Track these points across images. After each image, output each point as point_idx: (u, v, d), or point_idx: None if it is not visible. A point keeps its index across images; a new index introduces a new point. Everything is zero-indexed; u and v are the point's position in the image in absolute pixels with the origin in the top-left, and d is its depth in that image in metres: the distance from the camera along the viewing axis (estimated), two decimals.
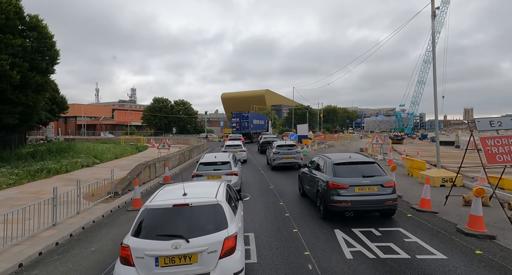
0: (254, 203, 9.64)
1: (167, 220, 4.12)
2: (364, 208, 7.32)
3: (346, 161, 8.07)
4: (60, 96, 41.53)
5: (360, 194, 7.32)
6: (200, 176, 10.57)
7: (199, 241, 3.89)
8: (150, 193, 12.46)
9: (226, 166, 10.91)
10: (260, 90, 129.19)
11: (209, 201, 4.37)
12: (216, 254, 3.92)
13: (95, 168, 17.68)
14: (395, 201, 7.37)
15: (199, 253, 3.85)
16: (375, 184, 7.40)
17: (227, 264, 3.93)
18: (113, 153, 22.42)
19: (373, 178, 7.49)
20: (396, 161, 17.98)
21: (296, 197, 10.56)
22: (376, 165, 8.00)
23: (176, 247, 3.81)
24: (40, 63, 17.15)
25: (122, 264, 3.89)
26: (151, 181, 14.08)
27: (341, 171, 7.77)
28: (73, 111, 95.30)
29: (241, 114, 43.29)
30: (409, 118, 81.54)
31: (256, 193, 11.28)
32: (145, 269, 3.78)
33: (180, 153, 20.51)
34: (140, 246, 3.85)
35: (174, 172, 17.32)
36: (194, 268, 3.84)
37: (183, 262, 3.83)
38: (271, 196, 10.73)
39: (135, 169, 13.37)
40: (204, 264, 3.87)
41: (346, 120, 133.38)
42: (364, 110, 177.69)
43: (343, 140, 52.78)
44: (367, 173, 7.62)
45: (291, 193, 11.07)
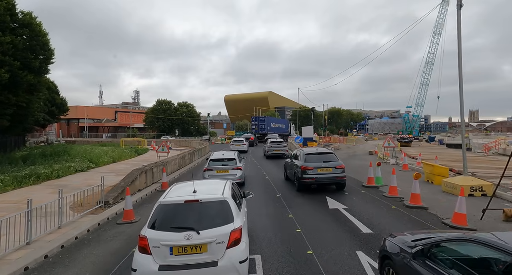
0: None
1: (180, 214, 4.57)
2: (323, 182, 11.37)
3: (313, 152, 12.25)
4: (60, 97, 40.79)
5: (320, 173, 11.22)
6: (210, 170, 12.63)
7: (209, 233, 4.31)
8: (146, 201, 11.46)
9: (232, 162, 12.91)
10: (263, 92, 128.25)
11: (216, 197, 4.84)
12: (224, 245, 4.34)
13: (90, 173, 16.65)
14: (344, 177, 11.39)
15: (209, 244, 4.28)
16: (330, 167, 11.29)
17: (233, 254, 4.36)
18: (110, 156, 21.41)
19: (330, 163, 11.40)
20: (411, 166, 16.78)
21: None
22: (333, 155, 12.07)
23: (188, 238, 4.24)
24: (33, 62, 16.21)
25: (140, 253, 4.31)
26: (147, 188, 13.00)
27: (309, 159, 11.65)
28: (76, 113, 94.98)
29: (259, 118, 52.90)
30: (414, 120, 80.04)
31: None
32: (161, 257, 4.22)
33: (180, 157, 19.45)
34: (156, 237, 4.28)
35: (174, 177, 16.25)
36: (204, 257, 4.28)
37: (194, 252, 4.27)
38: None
39: (130, 175, 12.31)
40: (213, 253, 4.29)
41: (350, 122, 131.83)
42: (368, 112, 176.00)
43: (348, 143, 51.56)
44: (326, 159, 11.57)
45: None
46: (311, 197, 10.90)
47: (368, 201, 10.11)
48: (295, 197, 11.04)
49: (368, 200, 10.30)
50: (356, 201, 10.21)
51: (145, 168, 13.37)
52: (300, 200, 10.50)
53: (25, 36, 16.26)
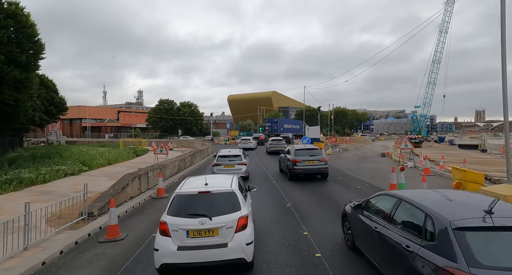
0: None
1: (194, 203, 5.28)
2: (310, 172, 14.11)
3: (302, 148, 15.07)
4: (59, 96, 39.64)
5: (308, 165, 13.90)
6: (219, 165, 14.01)
7: (219, 219, 5.05)
8: (138, 211, 10.00)
9: (237, 158, 14.38)
10: (267, 92, 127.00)
11: (226, 189, 5.55)
12: (232, 229, 5.06)
13: (81, 176, 15.31)
14: (327, 169, 14.18)
15: (220, 228, 5.01)
16: (316, 160, 14.03)
17: (241, 237, 5.09)
18: (106, 158, 20.07)
19: (315, 156, 14.18)
20: (433, 169, 15.24)
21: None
22: (318, 150, 15.09)
23: (202, 223, 4.97)
24: (19, 56, 14.91)
25: (161, 235, 5.04)
26: (141, 195, 11.62)
27: (299, 153, 14.34)
28: (78, 113, 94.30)
29: (272, 120, 58.52)
30: (421, 120, 78.10)
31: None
32: (179, 239, 4.94)
33: (180, 159, 18.06)
34: (174, 222, 5.00)
35: (172, 182, 14.86)
36: (215, 239, 4.98)
37: (207, 235, 4.98)
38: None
39: (121, 180, 10.93)
40: (223, 237, 5.01)
41: (355, 122, 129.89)
42: (373, 112, 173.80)
43: (356, 143, 50.01)
44: (312, 154, 14.32)
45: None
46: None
47: None
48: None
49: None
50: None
51: (139, 172, 11.98)
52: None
53: (11, 28, 14.96)
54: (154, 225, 8.21)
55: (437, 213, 3.78)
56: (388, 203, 4.96)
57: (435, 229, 3.65)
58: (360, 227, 5.61)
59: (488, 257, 3.18)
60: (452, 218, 3.56)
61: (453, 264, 3.21)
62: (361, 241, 5.61)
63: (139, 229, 7.99)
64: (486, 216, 3.53)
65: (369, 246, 5.22)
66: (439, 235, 3.55)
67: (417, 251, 3.73)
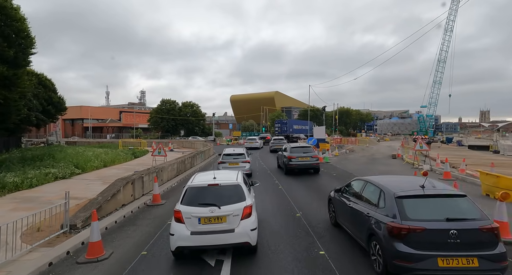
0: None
1: (204, 194, 5.95)
2: (303, 167, 16.03)
3: (297, 146, 17.37)
4: (58, 96, 38.66)
5: (301, 161, 15.94)
6: (224, 162, 14.97)
7: (227, 208, 5.69)
8: (129, 222, 8.69)
9: (241, 157, 15.44)
10: (269, 92, 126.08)
11: (232, 182, 6.28)
12: (239, 217, 5.70)
13: (73, 180, 14.27)
14: (318, 164, 16.54)
15: (227, 216, 5.64)
16: (308, 156, 16.15)
17: (246, 224, 5.72)
18: (102, 160, 19.04)
19: (308, 154, 16.30)
20: (453, 173, 14.03)
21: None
22: (311, 148, 17.47)
23: (212, 212, 5.61)
24: (6, 51, 13.90)
25: (176, 222, 5.69)
26: (135, 202, 10.54)
27: (294, 150, 16.44)
28: (80, 113, 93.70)
29: (281, 121, 60.92)
30: (427, 120, 76.61)
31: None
32: (192, 225, 5.57)
33: (179, 161, 16.98)
34: (187, 210, 5.66)
35: (170, 186, 13.78)
36: (224, 226, 5.60)
37: (217, 222, 5.61)
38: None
39: (112, 186, 9.85)
40: (231, 223, 5.63)
41: (358, 122, 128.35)
42: (376, 112, 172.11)
43: (361, 144, 48.79)
44: (305, 151, 16.48)
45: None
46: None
47: None
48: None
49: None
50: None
51: (133, 177, 10.91)
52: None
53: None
54: (145, 240, 7.13)
55: (387, 188, 5.42)
56: (359, 185, 6.61)
57: (385, 199, 5.28)
58: (340, 206, 7.20)
59: (415, 213, 4.77)
60: (396, 191, 5.18)
61: (394, 220, 4.83)
62: (340, 217, 7.20)
63: (127, 245, 6.91)
64: (419, 189, 5.14)
65: (345, 219, 6.88)
66: (387, 202, 5.18)
67: (373, 215, 5.35)
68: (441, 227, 4.61)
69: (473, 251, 4.50)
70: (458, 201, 5.12)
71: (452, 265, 4.44)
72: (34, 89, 30.82)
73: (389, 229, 4.81)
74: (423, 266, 4.49)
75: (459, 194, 5.22)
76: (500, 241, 4.69)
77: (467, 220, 4.74)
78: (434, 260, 4.47)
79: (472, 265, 4.43)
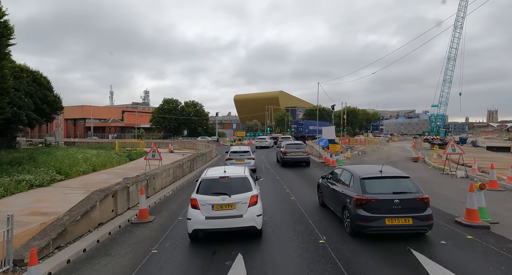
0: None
1: (216, 185, 6.90)
2: (296, 160, 19.40)
3: (291, 143, 21.05)
4: (54, 94, 36.88)
5: (295, 155, 19.33)
6: (231, 159, 16.61)
7: (237, 197, 6.61)
8: (103, 251, 6.39)
9: (247, 154, 17.18)
10: (273, 92, 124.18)
11: (240, 175, 7.18)
12: (246, 204, 6.60)
13: (51, 188, 12.32)
14: (308, 158, 19.96)
15: (237, 203, 6.55)
16: (300, 151, 19.57)
17: (253, 210, 6.63)
18: (91, 163, 17.10)
19: (300, 149, 19.74)
20: (503, 183, 11.74)
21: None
22: (303, 144, 21.14)
23: (223, 200, 6.53)
24: None
25: (192, 209, 6.61)
26: (117, 219, 8.55)
27: (288, 147, 19.94)
28: (82, 113, 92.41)
29: (297, 122, 62.97)
30: (438, 120, 73.90)
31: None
32: (206, 211, 6.49)
33: (176, 166, 14.97)
34: (202, 198, 6.60)
35: (164, 196, 11.76)
36: (234, 212, 6.52)
37: (227, 208, 6.53)
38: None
39: (84, 202, 7.85)
40: (240, 210, 6.54)
41: (365, 122, 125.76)
42: (381, 112, 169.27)
43: (371, 144, 46.60)
44: (298, 147, 19.93)
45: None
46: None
47: (496, 266, 5.41)
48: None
49: (493, 262, 5.59)
50: (468, 263, 5.55)
51: (114, 188, 8.89)
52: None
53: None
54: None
55: (356, 173, 7.41)
56: (338, 172, 8.66)
57: (354, 180, 7.26)
58: (325, 189, 9.16)
59: (372, 189, 6.75)
60: (361, 174, 7.18)
61: (358, 194, 6.80)
62: (325, 198, 9.18)
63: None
64: (377, 173, 7.12)
65: (328, 198, 8.91)
66: (355, 183, 7.16)
67: (346, 193, 7.35)
68: (389, 198, 6.51)
69: (409, 213, 6.36)
70: (403, 181, 7.04)
71: (395, 223, 6.32)
72: (26, 86, 29.06)
73: (355, 201, 6.70)
74: (375, 224, 6.38)
75: (404, 176, 7.15)
76: (429, 206, 6.55)
77: (406, 193, 6.66)
78: (383, 220, 6.34)
79: (408, 223, 6.32)
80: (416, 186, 6.80)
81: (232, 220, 6.42)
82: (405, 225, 6.29)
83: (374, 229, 6.38)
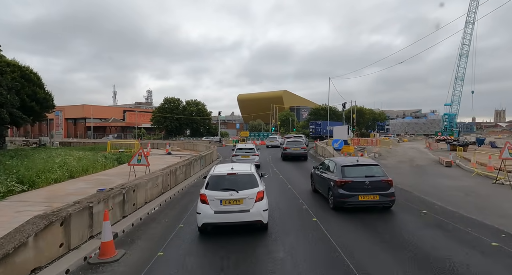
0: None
1: (224, 181, 7.33)
2: (294, 155, 23.23)
3: (291, 140, 26.06)
4: (44, 91, 34.39)
5: (294, 151, 23.31)
6: (237, 155, 18.33)
7: (244, 192, 7.02)
8: None
9: (252, 151, 19.13)
10: (277, 91, 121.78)
11: (247, 172, 7.62)
12: (253, 200, 7.00)
13: (4, 204, 9.67)
14: (306, 153, 24.02)
15: (244, 198, 6.95)
16: (298, 147, 23.63)
17: (259, 205, 7.04)
18: (68, 169, 14.48)
19: (298, 146, 23.80)
20: None
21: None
22: (301, 141, 26.35)
23: (231, 195, 6.94)
24: None
25: (202, 203, 7.01)
26: (68, 257, 5.89)
27: (288, 143, 24.41)
28: (82, 113, 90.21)
29: (316, 122, 65.67)
30: (451, 119, 70.69)
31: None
32: (215, 206, 6.89)
33: (167, 173, 12.29)
34: (211, 194, 7.00)
35: (146, 215, 9.07)
36: (241, 207, 6.92)
37: (235, 203, 6.93)
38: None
39: (9, 237, 5.18)
40: (247, 204, 6.95)
41: (369, 122, 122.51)
42: (386, 112, 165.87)
43: (383, 145, 43.75)
44: (296, 144, 24.17)
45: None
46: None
47: None
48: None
49: None
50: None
51: (64, 213, 6.21)
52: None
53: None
54: None
55: (338, 162, 9.64)
56: (326, 162, 10.90)
57: (336, 167, 9.43)
58: (316, 177, 11.33)
59: (349, 174, 8.90)
60: (342, 163, 9.44)
61: (339, 177, 8.88)
62: (316, 185, 11.30)
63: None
64: (355, 162, 9.65)
65: (318, 183, 11.00)
66: (337, 169, 9.26)
67: (331, 177, 9.41)
68: (361, 180, 8.81)
69: (376, 191, 8.66)
70: (374, 167, 9.50)
71: (366, 199, 8.64)
72: (10, 81, 26.58)
73: (336, 182, 8.95)
74: (351, 200, 8.68)
75: (374, 164, 9.84)
76: (392, 186, 8.94)
77: (375, 176, 9.01)
78: (356, 197, 8.63)
79: (376, 198, 8.64)
80: (383, 171, 9.28)
81: (240, 215, 6.89)
82: (374, 200, 8.64)
83: (350, 203, 8.72)
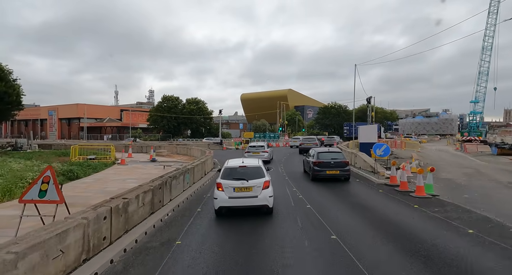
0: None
1: (237, 172, 9.03)
2: (306, 148, 28.22)
3: (324, 151, 20.10)
4: (9, 85, 28.54)
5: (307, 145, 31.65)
6: (249, 152, 22.41)
7: (253, 181, 8.59)
8: None
9: (262, 148, 23.37)
10: (282, 90, 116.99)
11: (255, 165, 9.40)
12: (261, 188, 8.58)
13: None
14: (316, 143, 33.26)
15: (253, 187, 8.52)
16: (311, 143, 32.18)
17: (266, 192, 8.62)
18: None
19: (311, 144, 31.51)
20: None
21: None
22: (315, 139, 37.80)
23: (243, 184, 8.52)
24: None
25: (218, 190, 8.57)
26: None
27: (304, 140, 35.94)
28: (77, 112, 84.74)
29: (349, 124, 66.21)
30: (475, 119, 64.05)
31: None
32: (229, 192, 8.48)
33: (145, 191, 6.42)
34: (225, 182, 8.61)
35: None
36: (250, 193, 8.50)
37: (245, 190, 8.52)
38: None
39: None
40: (255, 192, 8.52)
41: (383, 121, 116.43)
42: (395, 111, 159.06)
43: (408, 148, 37.82)
44: (310, 141, 34.74)
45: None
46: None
47: None
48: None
49: None
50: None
51: None
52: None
53: None
54: None
55: (316, 150, 16.14)
56: (311, 152, 16.43)
57: (315, 154, 15.47)
58: (305, 162, 16.98)
59: (322, 157, 15.04)
60: (318, 151, 16.03)
61: (315, 159, 15.06)
62: (305, 167, 16.96)
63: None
64: (326, 150, 17.81)
65: (306, 166, 16.78)
66: (315, 155, 15.34)
67: (311, 160, 15.35)
68: (328, 161, 14.43)
69: (338, 168, 14.33)
70: (338, 154, 15.50)
71: (331, 173, 14.35)
72: None
73: (313, 162, 14.52)
74: (322, 173, 14.31)
75: (339, 151, 16.89)
76: (349, 165, 15.17)
77: (338, 159, 14.71)
78: (325, 172, 14.26)
79: (336, 173, 14.40)
80: (343, 156, 15.44)
81: (249, 200, 8.51)
82: (336, 174, 14.39)
83: (321, 176, 14.34)
